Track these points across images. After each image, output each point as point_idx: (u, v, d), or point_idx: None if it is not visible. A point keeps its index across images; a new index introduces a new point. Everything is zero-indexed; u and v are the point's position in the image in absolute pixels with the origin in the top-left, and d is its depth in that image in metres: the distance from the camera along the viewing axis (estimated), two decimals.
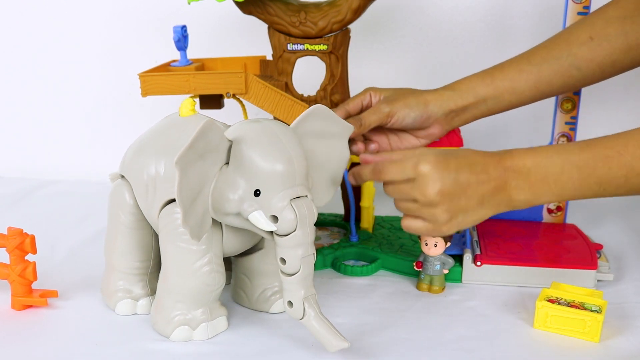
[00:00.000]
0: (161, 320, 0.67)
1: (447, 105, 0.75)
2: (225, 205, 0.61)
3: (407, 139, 0.77)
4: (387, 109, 0.73)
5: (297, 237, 0.60)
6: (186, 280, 0.65)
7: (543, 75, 0.75)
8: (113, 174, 0.74)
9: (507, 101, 0.76)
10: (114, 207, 0.71)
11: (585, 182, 0.61)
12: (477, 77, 0.77)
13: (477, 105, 0.76)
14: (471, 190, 0.62)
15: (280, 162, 0.59)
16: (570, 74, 0.75)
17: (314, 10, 0.80)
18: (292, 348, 0.66)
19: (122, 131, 1.18)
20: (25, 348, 0.66)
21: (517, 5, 1.06)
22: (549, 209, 0.89)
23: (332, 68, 0.83)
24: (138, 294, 0.72)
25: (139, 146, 0.70)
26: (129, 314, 0.72)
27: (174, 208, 0.64)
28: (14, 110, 1.24)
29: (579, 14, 0.82)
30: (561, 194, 0.62)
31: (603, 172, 0.60)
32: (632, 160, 0.59)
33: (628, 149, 0.59)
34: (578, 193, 0.62)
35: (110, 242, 0.72)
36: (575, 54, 0.74)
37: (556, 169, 0.61)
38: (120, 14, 1.17)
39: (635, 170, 0.59)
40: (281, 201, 0.59)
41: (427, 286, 0.77)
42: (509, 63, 0.77)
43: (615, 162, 0.60)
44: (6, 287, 0.75)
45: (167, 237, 0.65)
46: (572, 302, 0.69)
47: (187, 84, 0.79)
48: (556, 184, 0.62)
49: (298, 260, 0.61)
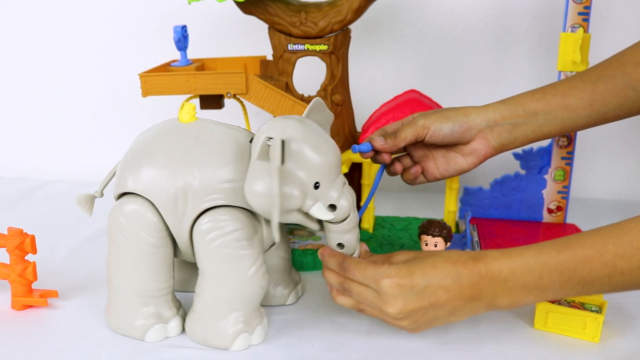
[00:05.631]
0: (214, 335, 0.65)
1: (492, 117, 0.70)
2: (292, 202, 0.62)
3: (454, 159, 0.72)
4: (422, 121, 0.69)
5: (352, 220, 0.63)
6: (244, 288, 0.64)
7: (597, 93, 0.71)
8: (82, 197, 0.69)
9: (560, 118, 0.71)
10: (134, 228, 0.65)
11: (568, 284, 0.58)
12: (526, 93, 0.73)
13: (527, 120, 0.71)
14: (440, 302, 0.60)
15: (332, 154, 0.62)
16: (625, 94, 0.71)
17: (314, 11, 0.80)
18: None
19: (123, 131, 1.18)
20: (25, 348, 0.66)
21: (517, 5, 1.06)
22: (549, 208, 0.90)
23: (333, 68, 0.83)
24: (168, 316, 0.68)
25: (152, 161, 0.64)
26: (161, 339, 0.67)
27: (218, 215, 0.63)
28: (14, 110, 1.24)
29: (580, 14, 0.82)
30: (544, 296, 0.60)
31: (585, 273, 0.57)
32: (614, 259, 0.56)
33: (608, 248, 0.57)
34: (561, 293, 0.59)
35: (128, 268, 0.66)
36: (630, 74, 0.71)
37: (535, 275, 0.58)
38: (120, 13, 1.17)
39: (618, 269, 0.57)
40: (336, 190, 0.62)
41: None
42: (560, 82, 0.73)
43: (596, 263, 0.57)
44: (6, 287, 0.75)
45: (216, 246, 0.63)
46: (572, 302, 0.69)
47: (187, 84, 0.79)
48: (537, 289, 0.59)
49: (356, 241, 0.64)
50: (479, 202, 0.91)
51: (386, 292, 0.60)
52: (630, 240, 0.56)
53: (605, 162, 1.11)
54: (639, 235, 0.56)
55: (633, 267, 0.56)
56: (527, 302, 0.60)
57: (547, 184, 0.88)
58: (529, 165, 0.89)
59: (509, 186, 0.90)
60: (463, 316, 0.61)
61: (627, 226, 0.57)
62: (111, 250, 0.67)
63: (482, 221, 0.90)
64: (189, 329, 0.67)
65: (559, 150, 0.87)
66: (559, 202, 0.89)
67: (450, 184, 0.86)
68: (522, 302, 0.60)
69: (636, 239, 0.56)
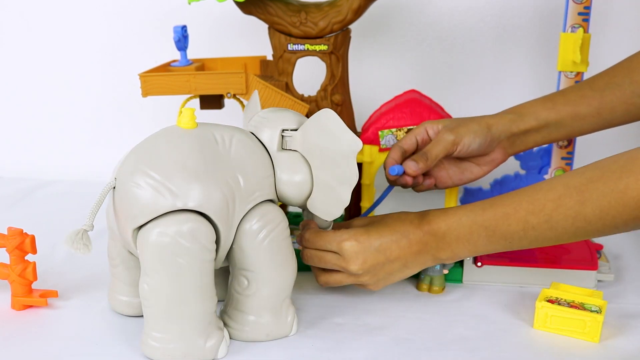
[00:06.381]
0: (277, 326, 0.67)
1: (510, 128, 0.74)
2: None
3: (469, 168, 0.75)
4: (452, 137, 0.71)
5: None
6: (293, 273, 0.67)
7: (605, 102, 0.74)
8: (72, 235, 0.63)
9: (569, 127, 0.75)
10: (196, 247, 0.60)
11: (493, 238, 0.65)
12: (537, 102, 0.75)
13: (539, 130, 0.74)
14: (393, 256, 0.68)
15: None
16: (632, 101, 0.73)
17: (314, 11, 0.80)
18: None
19: (123, 131, 1.19)
20: (25, 348, 0.66)
21: (517, 5, 1.06)
22: None
23: (333, 68, 0.83)
24: (222, 327, 0.66)
25: (188, 173, 0.60)
26: (227, 352, 0.65)
27: (263, 212, 0.64)
28: (14, 110, 1.24)
29: (580, 14, 0.82)
30: (476, 250, 0.67)
31: (504, 229, 0.64)
32: (526, 215, 0.62)
33: (522, 205, 0.63)
34: (490, 248, 0.66)
35: (195, 292, 0.61)
36: (637, 82, 0.73)
37: (465, 230, 0.66)
38: (120, 13, 1.17)
39: (530, 224, 0.62)
40: None
41: (427, 286, 0.77)
42: (570, 89, 0.76)
43: (513, 219, 0.63)
44: (6, 287, 0.75)
45: (268, 242, 0.64)
46: (572, 302, 0.69)
47: (187, 84, 0.79)
48: (469, 242, 0.66)
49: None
50: None
51: (347, 250, 0.67)
52: (539, 198, 0.62)
53: None
54: (547, 193, 0.62)
55: (541, 222, 0.62)
56: (464, 255, 0.68)
57: None
58: (529, 166, 0.88)
59: (509, 186, 0.89)
60: (414, 269, 0.69)
61: (539, 185, 0.64)
62: (164, 282, 0.60)
63: None
64: (243, 332, 0.66)
65: (559, 151, 0.87)
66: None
67: None
68: (460, 254, 0.67)
69: (544, 196, 0.62)
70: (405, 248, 0.67)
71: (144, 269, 0.61)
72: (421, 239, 0.67)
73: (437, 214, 0.68)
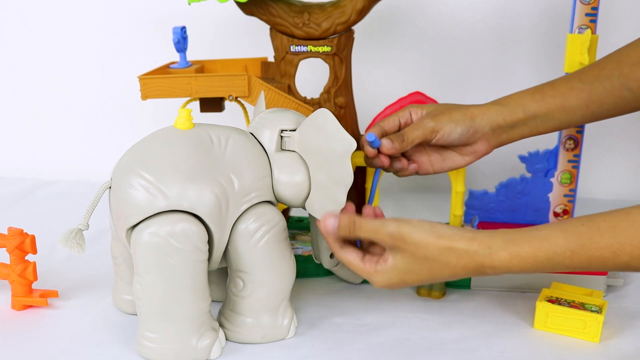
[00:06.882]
0: (273, 329, 0.66)
1: (495, 120, 0.71)
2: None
3: (451, 157, 0.73)
4: (432, 123, 0.69)
5: None
6: (292, 275, 0.66)
7: (594, 94, 0.72)
8: (66, 234, 0.63)
9: (557, 120, 0.73)
10: (187, 247, 0.60)
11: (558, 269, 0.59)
12: (526, 93, 0.74)
13: (526, 122, 0.73)
14: (423, 280, 0.61)
15: None
16: (621, 94, 0.72)
17: (317, 11, 0.79)
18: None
19: (123, 131, 1.19)
20: (25, 348, 0.66)
21: (517, 5, 1.07)
22: (555, 212, 0.88)
23: (336, 70, 0.82)
24: (216, 327, 0.65)
25: (182, 173, 0.61)
26: (221, 353, 0.65)
27: (259, 213, 0.63)
28: (14, 110, 1.24)
29: (587, 15, 0.81)
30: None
31: (598, 267, 0.58)
32: (630, 261, 0.56)
33: (625, 249, 0.56)
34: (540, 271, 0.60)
35: (185, 292, 0.61)
36: (626, 75, 0.72)
37: (546, 268, 0.59)
38: (120, 14, 1.17)
39: (632, 267, 0.57)
40: None
41: (427, 291, 0.77)
42: (559, 80, 0.75)
43: (611, 264, 0.57)
44: (6, 287, 0.74)
45: (265, 243, 0.63)
46: (572, 302, 0.69)
47: (188, 86, 0.78)
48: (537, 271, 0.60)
49: None
50: (485, 205, 0.90)
51: (378, 283, 0.61)
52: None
53: (608, 162, 1.11)
54: None
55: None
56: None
57: (554, 188, 0.87)
58: (535, 169, 0.88)
59: (514, 190, 0.89)
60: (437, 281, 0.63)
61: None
62: (156, 282, 0.60)
63: (487, 225, 0.89)
64: (239, 333, 0.66)
65: (566, 153, 0.86)
66: (565, 206, 0.88)
67: (455, 188, 0.84)
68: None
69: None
70: (446, 277, 0.60)
71: (137, 269, 0.61)
72: (474, 271, 0.59)
73: (505, 257, 0.58)
